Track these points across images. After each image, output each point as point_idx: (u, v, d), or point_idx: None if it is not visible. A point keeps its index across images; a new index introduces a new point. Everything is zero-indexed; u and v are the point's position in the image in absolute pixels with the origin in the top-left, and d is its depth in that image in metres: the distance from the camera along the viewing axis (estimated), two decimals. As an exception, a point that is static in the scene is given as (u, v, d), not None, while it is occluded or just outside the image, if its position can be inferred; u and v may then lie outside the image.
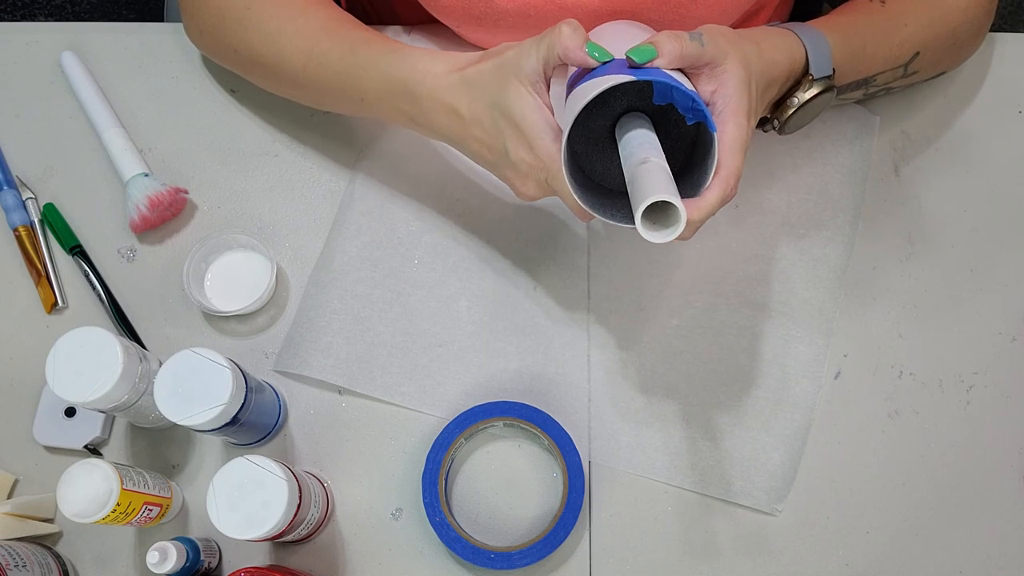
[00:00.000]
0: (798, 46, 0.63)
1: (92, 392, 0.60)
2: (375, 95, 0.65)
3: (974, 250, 0.75)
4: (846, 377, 0.72)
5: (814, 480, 0.69)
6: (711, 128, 0.54)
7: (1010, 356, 0.72)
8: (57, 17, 1.60)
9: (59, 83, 0.80)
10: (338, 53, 0.66)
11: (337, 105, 0.71)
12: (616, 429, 0.70)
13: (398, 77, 0.63)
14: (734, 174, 0.55)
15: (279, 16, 0.69)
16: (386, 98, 0.65)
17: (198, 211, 0.77)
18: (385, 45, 0.65)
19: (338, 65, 0.66)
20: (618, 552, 0.68)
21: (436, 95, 0.61)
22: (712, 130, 0.54)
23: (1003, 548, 0.68)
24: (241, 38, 0.71)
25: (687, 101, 0.54)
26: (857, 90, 0.71)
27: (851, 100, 0.74)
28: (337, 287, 0.73)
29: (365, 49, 0.65)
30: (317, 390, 0.72)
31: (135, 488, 0.61)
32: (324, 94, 0.69)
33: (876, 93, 0.73)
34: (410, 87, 0.62)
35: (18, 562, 0.61)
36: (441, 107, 0.61)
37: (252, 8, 0.70)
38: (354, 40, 0.66)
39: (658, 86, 0.54)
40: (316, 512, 0.64)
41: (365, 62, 0.65)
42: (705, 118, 0.53)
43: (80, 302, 0.74)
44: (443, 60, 0.62)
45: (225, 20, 0.71)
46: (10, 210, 0.76)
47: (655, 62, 0.55)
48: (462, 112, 0.60)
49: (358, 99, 0.67)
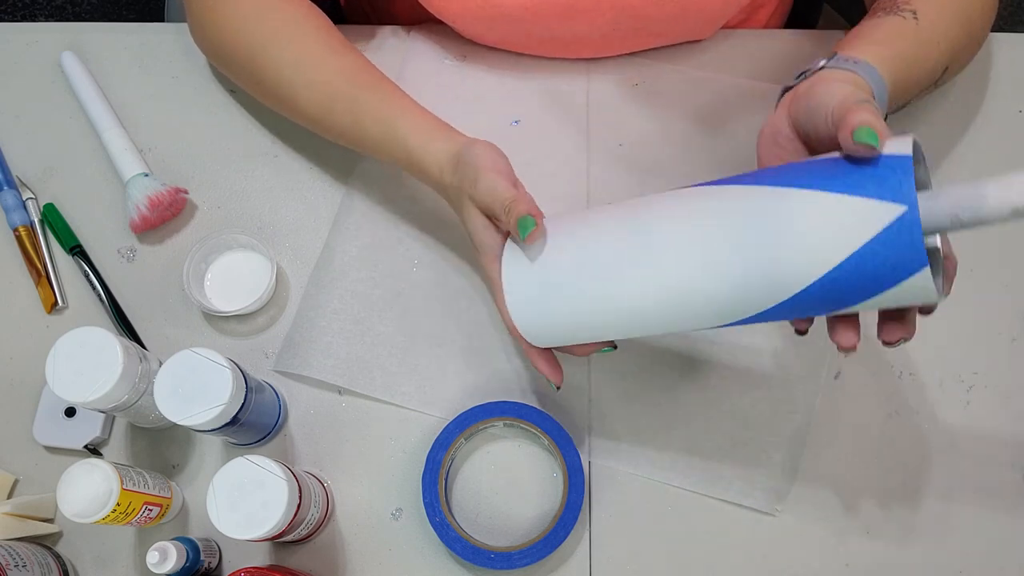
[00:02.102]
0: (867, 88, 0.57)
1: (92, 392, 0.60)
2: (385, 157, 0.69)
3: (974, 250, 0.75)
4: (846, 377, 0.72)
5: (814, 480, 0.69)
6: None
7: (1010, 356, 0.72)
8: (57, 17, 1.60)
9: (59, 83, 0.81)
10: (353, 117, 0.68)
11: (345, 144, 0.72)
12: (616, 429, 0.70)
13: (404, 147, 0.66)
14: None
15: (292, 62, 0.70)
16: (394, 163, 0.68)
17: (198, 211, 0.77)
18: (395, 106, 0.67)
19: (352, 127, 0.69)
20: (618, 552, 0.68)
21: (435, 185, 0.66)
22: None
23: (1003, 548, 0.68)
24: (255, 72, 0.72)
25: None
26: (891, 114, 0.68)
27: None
28: (337, 287, 0.73)
29: (378, 115, 0.68)
30: (317, 390, 0.72)
31: (135, 488, 0.61)
32: (335, 136, 0.72)
33: (899, 109, 0.71)
34: (415, 168, 0.67)
35: (18, 562, 0.61)
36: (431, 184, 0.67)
37: (266, 49, 0.70)
38: (366, 99, 0.68)
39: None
40: (316, 512, 0.64)
41: (382, 129, 0.67)
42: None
43: (80, 302, 0.74)
44: (432, 154, 0.65)
45: (238, 48, 0.72)
46: (10, 210, 0.76)
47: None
48: (443, 194, 0.66)
49: (370, 149, 0.70)
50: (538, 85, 0.80)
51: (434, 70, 0.80)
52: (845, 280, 0.48)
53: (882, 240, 0.46)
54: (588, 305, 0.57)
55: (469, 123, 0.78)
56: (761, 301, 0.51)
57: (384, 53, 0.81)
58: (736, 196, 0.52)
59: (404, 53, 0.81)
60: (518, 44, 0.79)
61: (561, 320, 0.58)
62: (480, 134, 0.77)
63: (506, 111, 0.79)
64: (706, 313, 0.53)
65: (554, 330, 0.59)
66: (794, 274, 0.49)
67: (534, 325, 0.60)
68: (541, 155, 0.77)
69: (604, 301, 0.56)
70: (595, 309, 0.56)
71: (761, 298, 0.51)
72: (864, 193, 0.47)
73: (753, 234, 0.50)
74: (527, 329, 0.60)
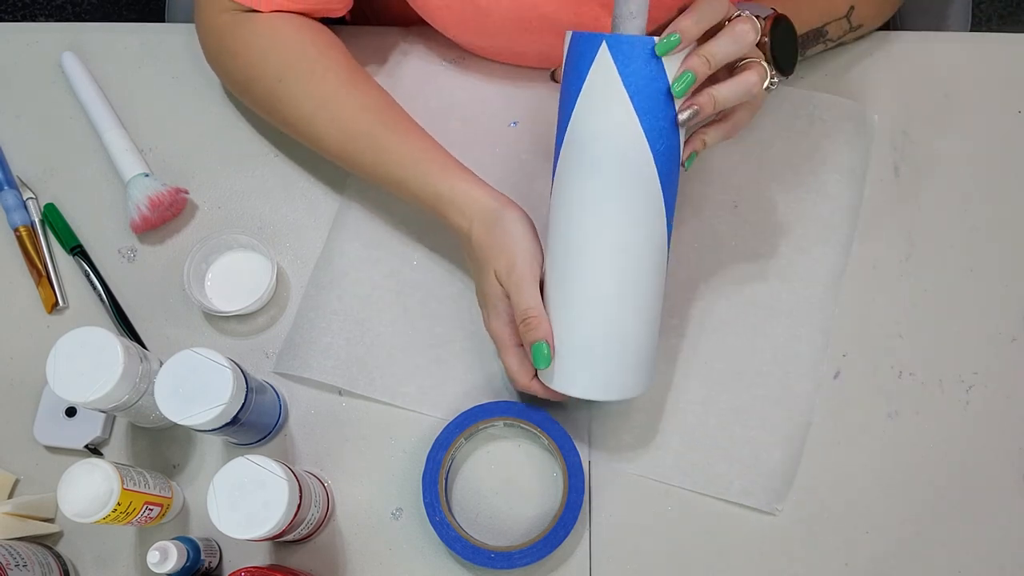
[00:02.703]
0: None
1: (92, 392, 0.60)
2: (407, 198, 0.69)
3: (974, 250, 0.75)
4: (846, 377, 0.72)
5: (814, 480, 0.69)
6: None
7: (1010, 356, 0.72)
8: (57, 17, 1.60)
9: (59, 83, 0.81)
10: (373, 161, 0.69)
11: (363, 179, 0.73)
12: (616, 429, 0.70)
13: (430, 190, 0.67)
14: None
15: (312, 98, 0.70)
16: (416, 206, 0.69)
17: (198, 211, 0.77)
18: (422, 165, 0.68)
19: (372, 167, 0.69)
20: (618, 552, 0.68)
21: (456, 232, 0.67)
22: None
23: (1003, 548, 0.68)
24: (275, 110, 0.72)
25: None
26: (817, 44, 0.75)
27: (814, 53, 0.77)
28: (337, 288, 0.73)
29: (397, 164, 0.68)
30: (317, 390, 0.72)
31: (136, 488, 0.61)
32: (355, 172, 0.72)
33: (833, 47, 0.79)
34: (440, 214, 0.67)
35: (19, 562, 0.61)
36: (460, 233, 0.67)
37: (283, 81, 0.70)
38: (388, 147, 0.69)
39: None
40: (316, 512, 0.64)
41: (402, 177, 0.68)
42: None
43: (80, 302, 0.74)
44: (467, 208, 0.66)
45: (255, 87, 0.72)
46: (11, 210, 0.76)
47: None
48: (468, 252, 0.67)
49: (386, 188, 0.70)
50: (537, 86, 0.80)
51: (433, 71, 0.80)
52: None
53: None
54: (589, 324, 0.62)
55: (468, 124, 0.78)
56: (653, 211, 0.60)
57: (383, 53, 0.81)
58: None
59: (403, 53, 0.81)
60: (506, 54, 0.79)
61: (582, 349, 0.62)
62: (479, 134, 0.78)
63: (505, 112, 0.79)
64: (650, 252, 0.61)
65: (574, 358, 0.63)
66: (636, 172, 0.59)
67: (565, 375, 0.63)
68: (540, 156, 0.77)
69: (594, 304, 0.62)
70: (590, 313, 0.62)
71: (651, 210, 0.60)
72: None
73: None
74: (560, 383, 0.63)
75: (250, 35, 0.71)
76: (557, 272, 0.62)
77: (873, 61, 0.80)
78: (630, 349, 0.62)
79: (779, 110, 0.78)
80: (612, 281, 0.61)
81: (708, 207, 0.75)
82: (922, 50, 0.81)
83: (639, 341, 0.62)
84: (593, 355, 0.62)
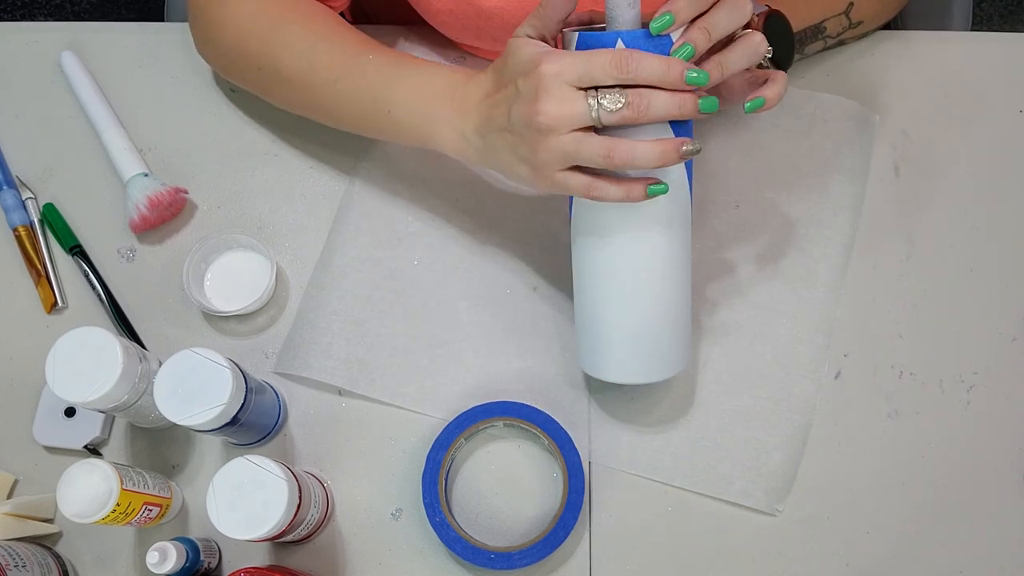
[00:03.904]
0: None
1: (92, 392, 0.60)
2: (407, 102, 0.65)
3: (974, 250, 0.75)
4: (846, 377, 0.72)
5: (814, 480, 0.69)
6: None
7: (1010, 356, 0.72)
8: (57, 17, 1.60)
9: (59, 83, 0.80)
10: (376, 64, 0.66)
11: (358, 119, 0.69)
12: (616, 429, 0.70)
13: (439, 82, 0.64)
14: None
15: (310, 35, 0.69)
16: (419, 103, 0.64)
17: (198, 211, 0.77)
18: (421, 60, 0.67)
19: (375, 75, 0.66)
20: (618, 552, 0.68)
21: (469, 96, 0.62)
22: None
23: (1003, 548, 0.68)
24: (267, 56, 0.70)
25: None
26: (816, 41, 0.74)
27: (814, 51, 0.77)
28: (337, 288, 0.73)
29: (406, 61, 0.66)
30: (317, 391, 0.72)
31: (135, 488, 0.61)
32: (350, 105, 0.68)
33: (833, 45, 0.78)
34: (451, 87, 0.63)
35: (18, 562, 0.61)
36: (471, 98, 0.62)
37: (278, 29, 0.70)
38: (392, 54, 0.67)
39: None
40: (316, 512, 0.64)
41: (408, 71, 0.65)
42: None
43: (80, 302, 0.74)
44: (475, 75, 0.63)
45: (248, 40, 0.71)
46: (10, 210, 0.76)
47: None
48: (484, 97, 0.60)
49: (385, 110, 0.66)
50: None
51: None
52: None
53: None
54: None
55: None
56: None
57: (384, 53, 0.81)
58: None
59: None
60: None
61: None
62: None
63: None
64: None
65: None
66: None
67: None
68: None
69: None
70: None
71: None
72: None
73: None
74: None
75: (236, 2, 0.70)
76: (600, 269, 0.62)
77: (873, 61, 0.80)
78: (682, 326, 0.64)
79: (780, 111, 0.78)
80: (658, 277, 0.61)
81: (709, 208, 0.75)
82: (922, 50, 0.81)
83: (687, 318, 0.65)
84: (647, 340, 0.63)
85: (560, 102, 0.54)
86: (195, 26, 0.75)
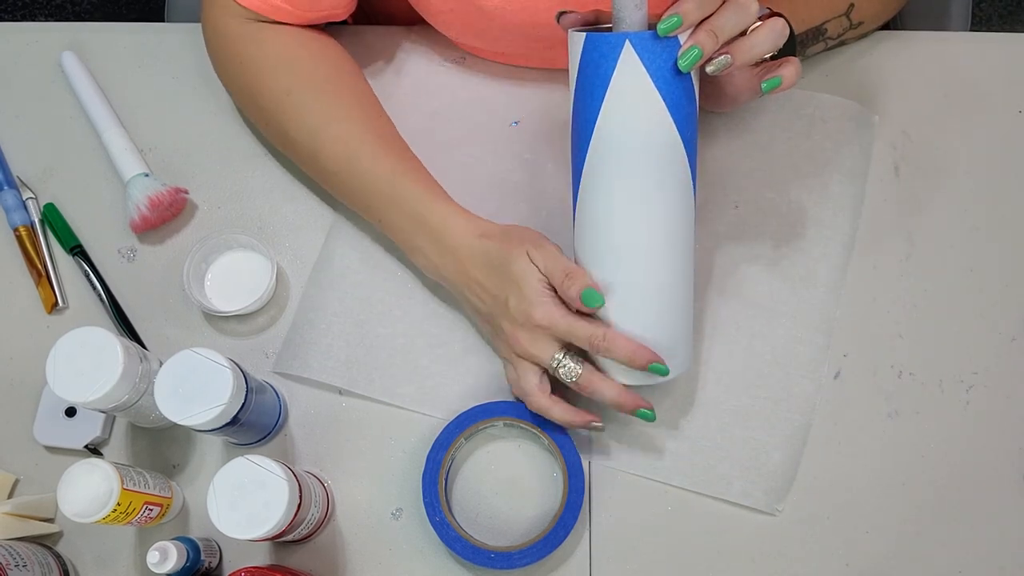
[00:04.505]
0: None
1: (92, 392, 0.60)
2: (397, 223, 0.69)
3: (974, 250, 0.75)
4: (846, 377, 0.72)
5: (814, 480, 0.69)
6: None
7: (1010, 356, 0.72)
8: (57, 17, 1.60)
9: (59, 83, 0.81)
10: (375, 176, 0.69)
11: (352, 205, 0.72)
12: (616, 429, 0.70)
13: (429, 222, 0.67)
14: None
15: (320, 113, 0.70)
16: (407, 229, 0.69)
17: (198, 211, 0.77)
18: (422, 184, 0.69)
19: (373, 186, 0.69)
20: (618, 552, 0.68)
21: (458, 253, 0.67)
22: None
23: (1003, 548, 0.68)
24: (278, 122, 0.71)
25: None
26: (816, 43, 0.75)
27: (815, 52, 0.77)
28: (337, 289, 0.73)
29: (403, 181, 0.68)
30: (317, 390, 0.72)
31: (135, 488, 0.61)
32: (345, 196, 0.72)
33: (834, 46, 0.78)
34: (437, 234, 0.67)
35: (18, 562, 0.61)
36: (457, 262, 0.67)
37: (292, 94, 0.70)
38: (394, 168, 0.69)
39: None
40: (316, 512, 0.64)
41: (402, 194, 0.68)
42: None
43: (80, 302, 0.74)
44: (472, 223, 0.67)
45: (262, 98, 0.72)
46: (10, 210, 0.76)
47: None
48: (473, 275, 0.66)
49: (376, 219, 0.70)
50: (538, 86, 0.80)
51: (434, 70, 0.80)
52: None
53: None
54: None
55: (469, 123, 0.78)
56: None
57: (385, 53, 0.81)
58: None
59: (405, 53, 0.81)
60: (510, 57, 0.79)
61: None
62: (480, 134, 0.78)
63: (506, 112, 0.79)
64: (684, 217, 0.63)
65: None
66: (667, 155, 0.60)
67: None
68: (542, 156, 0.77)
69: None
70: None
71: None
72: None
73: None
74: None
75: (260, 45, 0.71)
76: (608, 266, 0.63)
77: (873, 61, 0.80)
78: (684, 329, 0.65)
79: (780, 111, 0.78)
80: (666, 270, 0.62)
81: (709, 208, 0.75)
82: (922, 50, 0.81)
83: (688, 322, 0.66)
84: (650, 344, 0.63)
85: (533, 343, 0.64)
86: (215, 56, 0.75)
